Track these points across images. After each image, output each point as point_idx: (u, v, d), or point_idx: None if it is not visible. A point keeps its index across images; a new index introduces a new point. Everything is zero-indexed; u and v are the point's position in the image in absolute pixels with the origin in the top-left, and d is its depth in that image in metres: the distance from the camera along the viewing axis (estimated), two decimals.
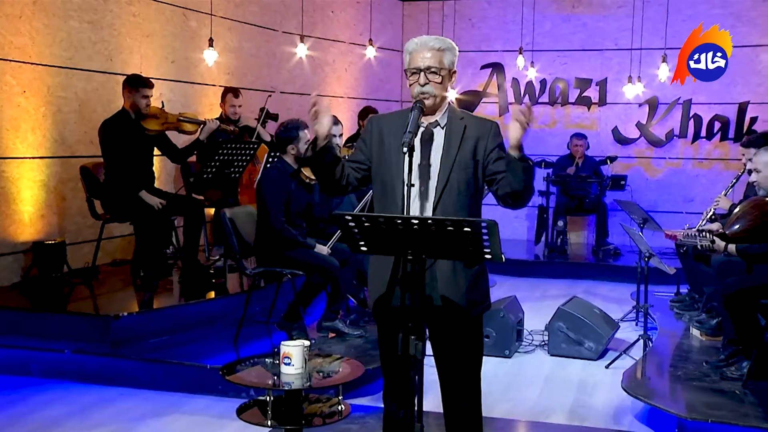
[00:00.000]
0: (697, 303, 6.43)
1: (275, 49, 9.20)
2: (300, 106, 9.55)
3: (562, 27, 10.35)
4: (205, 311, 5.99)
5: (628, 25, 10.13)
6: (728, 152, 9.98)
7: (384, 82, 10.88)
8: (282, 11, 9.27)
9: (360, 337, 5.61)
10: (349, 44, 10.24)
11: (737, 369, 4.79)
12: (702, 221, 6.21)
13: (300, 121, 5.49)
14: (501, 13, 10.64)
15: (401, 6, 11.07)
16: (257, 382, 3.33)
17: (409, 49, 3.26)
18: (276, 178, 5.36)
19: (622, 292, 7.93)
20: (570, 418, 4.79)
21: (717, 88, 9.82)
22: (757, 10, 9.88)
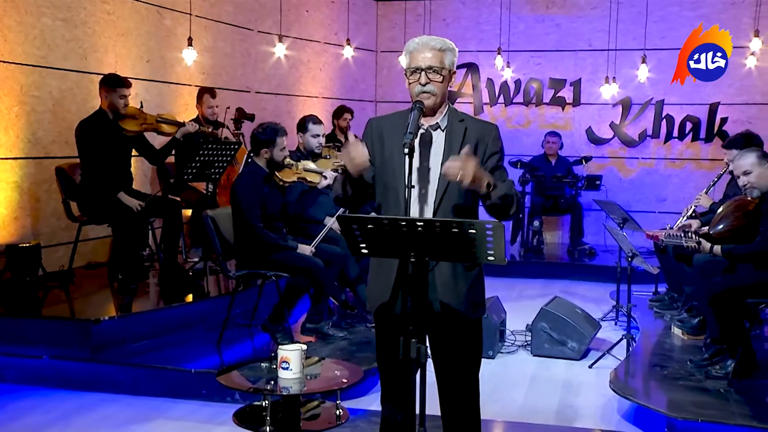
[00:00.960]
0: (677, 302, 6.49)
1: (250, 49, 9.11)
2: (275, 106, 9.50)
3: (536, 27, 10.39)
4: (186, 314, 5.89)
5: (602, 26, 10.20)
6: (699, 152, 10.10)
7: (359, 82, 10.84)
8: (257, 10, 9.19)
9: (344, 339, 5.57)
10: (323, 44, 10.18)
11: (722, 368, 4.83)
12: (682, 218, 6.28)
13: (279, 126, 5.42)
14: (475, 13, 10.66)
15: (375, 6, 11.03)
16: (255, 386, 3.27)
17: (409, 49, 3.23)
18: (249, 181, 5.29)
19: (599, 291, 7.97)
20: (558, 418, 4.79)
21: (688, 89, 9.92)
22: (727, 12, 10.01)
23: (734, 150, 5.72)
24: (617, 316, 6.79)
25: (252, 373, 3.45)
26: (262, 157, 5.36)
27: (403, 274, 3.06)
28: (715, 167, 10.01)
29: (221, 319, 5.67)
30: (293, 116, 9.78)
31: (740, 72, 9.85)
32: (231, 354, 5.43)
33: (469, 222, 2.69)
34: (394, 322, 3.19)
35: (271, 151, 5.32)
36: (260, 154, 5.36)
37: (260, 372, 3.45)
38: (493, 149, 3.23)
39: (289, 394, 3.16)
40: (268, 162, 5.35)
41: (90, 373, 5.12)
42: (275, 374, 3.32)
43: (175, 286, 6.31)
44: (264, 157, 5.35)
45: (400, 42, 10.86)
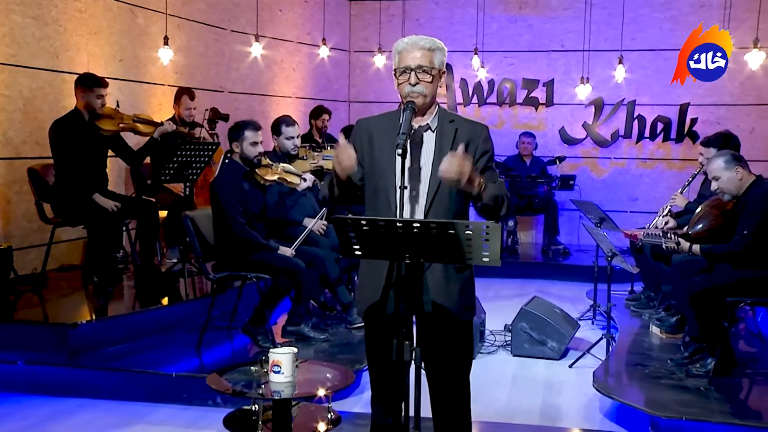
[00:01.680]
0: (653, 301, 6.54)
1: (224, 48, 9.03)
2: (248, 106, 9.42)
3: (509, 28, 10.43)
4: (165, 317, 5.81)
5: (574, 26, 10.28)
6: (670, 152, 10.22)
7: (332, 82, 10.80)
8: (230, 9, 9.10)
9: (325, 341, 5.53)
10: (297, 43, 10.12)
11: (702, 366, 4.88)
12: (658, 218, 6.34)
13: (250, 122, 5.39)
14: (448, 13, 10.66)
15: (348, 6, 10.99)
16: (247, 391, 3.23)
17: (398, 49, 3.21)
18: (229, 179, 5.24)
19: (574, 291, 8.02)
20: (542, 418, 4.81)
21: (658, 89, 10.06)
22: (696, 14, 10.12)
23: (711, 149, 5.78)
24: (594, 316, 6.83)
25: (242, 377, 3.40)
26: (235, 153, 5.32)
27: (396, 275, 3.05)
28: (686, 167, 10.15)
29: (200, 321, 5.60)
30: (267, 116, 9.70)
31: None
32: (210, 357, 5.38)
33: (466, 223, 2.68)
34: (386, 324, 3.17)
35: (241, 144, 5.26)
36: (233, 149, 5.32)
37: (250, 375, 3.40)
38: (484, 149, 3.23)
39: (281, 399, 3.12)
40: (241, 158, 5.29)
41: (67, 378, 5.02)
42: (266, 378, 3.27)
43: (152, 288, 6.22)
44: (236, 152, 5.30)
45: (373, 42, 10.86)
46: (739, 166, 4.79)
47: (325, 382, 3.30)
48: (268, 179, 5.49)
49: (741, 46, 9.57)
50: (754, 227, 4.64)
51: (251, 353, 5.38)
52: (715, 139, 5.85)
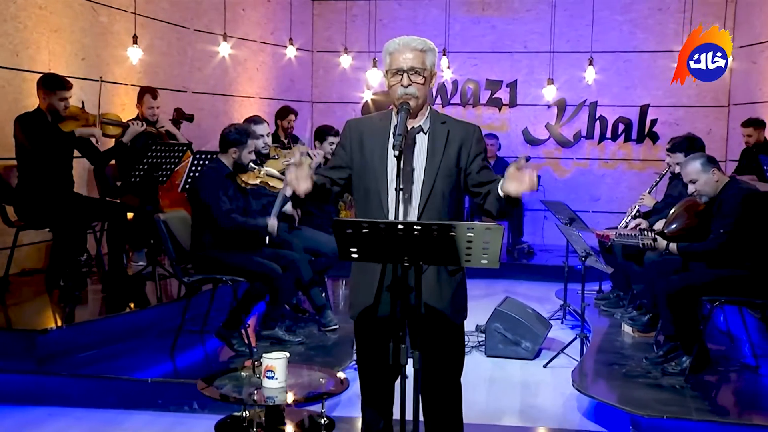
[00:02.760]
0: (623, 300, 6.61)
1: (187, 48, 8.89)
2: (212, 106, 9.29)
3: (472, 29, 10.46)
4: (135, 322, 5.68)
5: (537, 28, 10.37)
6: (631, 153, 10.36)
7: (295, 82, 10.71)
8: (194, 8, 8.97)
9: (300, 344, 5.47)
10: (260, 43, 10.00)
11: (677, 364, 4.94)
12: (627, 218, 6.41)
13: (252, 130, 5.34)
14: (411, 14, 10.66)
15: (311, 6, 10.91)
16: (240, 397, 3.16)
17: (389, 50, 3.18)
18: (213, 177, 5.16)
19: (541, 290, 8.07)
20: (522, 419, 4.82)
21: (619, 91, 10.21)
22: (654, 18, 10.31)
23: (678, 153, 5.86)
24: (564, 315, 6.87)
25: (233, 383, 3.33)
26: (229, 156, 5.24)
27: (392, 278, 3.02)
28: (646, 167, 10.32)
29: (171, 326, 5.50)
30: (231, 116, 9.60)
31: (669, 75, 10.11)
32: (183, 361, 5.27)
33: (468, 225, 2.66)
34: (380, 328, 3.14)
35: (240, 151, 5.22)
36: (228, 152, 5.24)
37: (241, 381, 3.34)
38: (477, 150, 3.22)
39: (275, 404, 3.06)
40: (234, 162, 5.23)
41: (36, 386, 4.87)
42: (259, 383, 3.21)
43: (121, 292, 6.08)
44: (231, 157, 5.24)
45: (336, 42, 10.81)
46: (715, 168, 4.86)
47: (319, 388, 3.24)
48: (250, 183, 5.41)
49: None
50: (729, 226, 4.71)
51: (225, 357, 5.29)
52: (681, 143, 5.92)
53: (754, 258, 4.75)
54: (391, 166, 3.12)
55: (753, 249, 4.75)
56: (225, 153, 5.26)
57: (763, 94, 9.53)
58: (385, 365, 3.20)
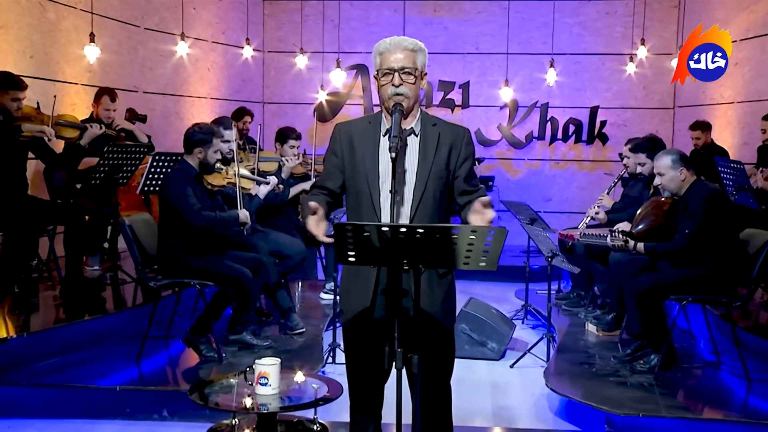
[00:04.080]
0: (584, 299, 6.69)
1: (138, 47, 8.68)
2: (164, 106, 9.11)
3: (424, 30, 10.46)
4: (97, 328, 5.50)
5: (488, 30, 10.45)
6: (581, 153, 10.52)
7: (246, 83, 10.56)
8: (144, 6, 8.77)
9: (269, 348, 5.38)
10: (211, 43, 9.84)
11: (645, 362, 5.01)
12: (586, 219, 6.49)
13: (217, 129, 5.23)
14: (363, 14, 10.63)
15: (262, 5, 10.78)
16: (236, 405, 3.07)
17: (379, 49, 3.15)
18: (181, 177, 5.03)
19: (498, 290, 8.10)
20: (497, 420, 4.83)
21: (569, 92, 10.35)
22: (602, 21, 10.49)
23: (640, 153, 5.95)
24: (526, 315, 6.93)
25: (225, 390, 3.25)
26: (194, 156, 5.12)
27: (387, 282, 2.98)
28: (596, 168, 10.50)
29: (133, 332, 5.35)
30: (182, 117, 9.43)
31: (619, 77, 10.35)
32: (148, 367, 5.14)
33: (472, 227, 2.65)
34: (374, 332, 3.10)
35: (206, 151, 5.10)
36: (193, 153, 5.12)
37: (232, 388, 3.26)
38: (466, 154, 3.21)
39: (268, 412, 3.00)
40: (200, 163, 5.11)
41: None
42: (251, 390, 3.13)
43: (80, 298, 5.88)
44: (197, 157, 5.11)
45: (287, 42, 10.71)
46: (684, 168, 4.95)
47: (312, 394, 3.19)
48: (216, 184, 5.31)
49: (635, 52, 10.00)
50: (695, 226, 4.80)
51: (192, 363, 5.18)
52: (643, 143, 6.02)
53: (718, 257, 4.85)
54: (383, 168, 3.09)
55: (716, 248, 4.85)
56: (190, 154, 5.14)
57: (706, 97, 9.80)
58: (376, 369, 3.19)
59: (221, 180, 5.35)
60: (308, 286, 7.69)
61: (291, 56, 10.57)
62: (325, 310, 6.80)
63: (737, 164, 6.37)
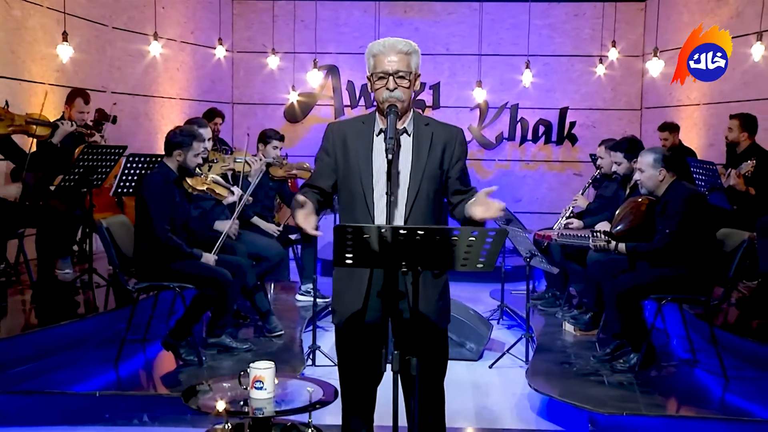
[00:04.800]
0: (559, 299, 6.74)
1: (105, 46, 8.54)
2: (132, 107, 8.97)
3: (395, 31, 10.45)
4: (72, 333, 5.39)
5: (458, 31, 10.49)
6: (551, 154, 10.60)
7: (215, 83, 10.46)
8: (111, 5, 8.63)
9: (248, 351, 5.33)
10: (180, 42, 9.72)
11: (625, 362, 5.06)
12: (561, 219, 6.54)
13: (196, 131, 5.15)
14: (334, 15, 10.58)
15: (231, 5, 10.68)
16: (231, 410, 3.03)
17: (373, 52, 3.13)
18: (161, 184, 4.95)
19: (470, 291, 8.08)
20: (479, 421, 4.83)
21: (539, 93, 10.42)
22: (570, 23, 10.58)
23: (618, 153, 6.01)
24: (501, 316, 6.95)
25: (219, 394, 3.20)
26: (174, 159, 5.04)
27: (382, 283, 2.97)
28: (565, 169, 10.59)
29: (108, 335, 5.26)
30: (151, 118, 9.32)
31: (587, 79, 10.45)
32: (125, 371, 5.05)
33: (472, 229, 2.65)
34: (368, 334, 3.09)
35: (185, 154, 5.02)
36: (173, 155, 5.04)
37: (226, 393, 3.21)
38: (459, 154, 3.22)
39: (264, 416, 2.96)
40: (179, 166, 5.03)
41: None
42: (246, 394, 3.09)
43: (53, 302, 5.76)
44: (177, 160, 5.03)
45: (257, 43, 10.63)
46: (664, 169, 5.00)
47: (307, 397, 3.15)
48: (197, 188, 5.24)
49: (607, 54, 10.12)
50: (675, 226, 4.86)
51: (171, 367, 5.11)
52: (621, 143, 6.07)
53: (696, 257, 4.91)
54: (377, 168, 3.08)
55: (695, 248, 4.91)
56: (170, 156, 5.07)
57: (673, 99, 9.94)
58: (370, 371, 3.17)
59: (201, 184, 5.29)
60: (280, 288, 7.63)
61: (260, 57, 10.50)
62: (301, 312, 6.76)
63: (710, 165, 6.46)
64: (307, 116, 10.56)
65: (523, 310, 6.77)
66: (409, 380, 3.08)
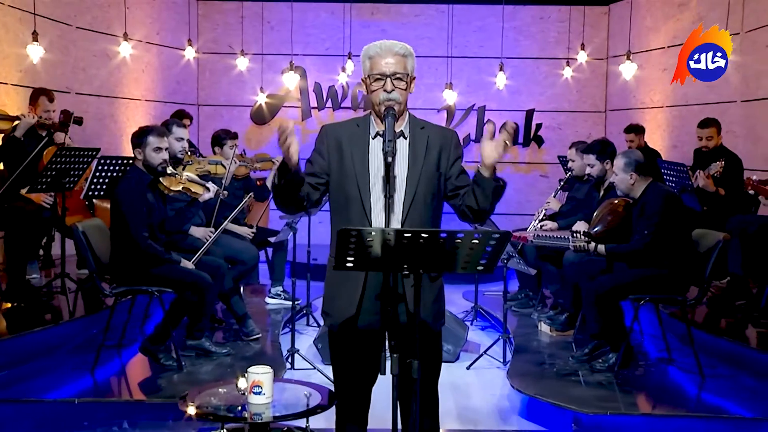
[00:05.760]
0: (533, 300, 6.79)
1: (69, 46, 8.38)
2: (97, 108, 8.82)
3: (362, 33, 10.43)
4: (46, 339, 5.27)
5: (426, 33, 10.50)
6: (518, 156, 10.67)
7: (181, 85, 10.33)
8: (76, 4, 8.48)
9: (227, 355, 5.27)
10: (145, 44, 9.57)
11: (604, 361, 5.11)
12: (535, 221, 6.59)
13: (154, 127, 5.04)
14: (301, 17, 10.52)
15: (196, 6, 10.56)
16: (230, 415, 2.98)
17: (369, 54, 3.12)
18: (134, 187, 4.86)
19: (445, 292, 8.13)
20: (462, 422, 4.83)
21: (505, 95, 10.48)
22: (536, 26, 10.67)
23: (590, 155, 6.07)
24: (475, 317, 6.97)
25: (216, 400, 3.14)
26: (138, 160, 4.95)
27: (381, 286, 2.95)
28: (531, 170, 10.68)
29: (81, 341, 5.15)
30: (117, 120, 9.17)
31: (553, 81, 10.56)
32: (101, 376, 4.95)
33: (476, 231, 2.64)
34: (365, 337, 3.07)
35: (144, 151, 4.91)
36: (136, 156, 4.95)
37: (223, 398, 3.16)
38: (456, 155, 3.23)
39: (262, 422, 2.92)
40: (145, 165, 4.94)
41: None
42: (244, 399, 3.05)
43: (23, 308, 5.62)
44: (139, 159, 4.94)
45: (222, 44, 10.54)
46: (635, 173, 5.07)
47: (305, 402, 3.12)
48: (174, 189, 5.15)
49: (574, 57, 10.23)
50: (653, 227, 4.92)
51: (149, 373, 5.01)
52: (594, 145, 6.14)
53: (673, 257, 4.98)
54: (373, 171, 3.07)
55: (672, 248, 4.98)
56: (137, 159, 4.98)
57: (637, 101, 10.08)
58: (365, 374, 3.16)
59: (176, 184, 5.21)
60: (250, 291, 7.56)
61: (227, 58, 10.41)
62: (272, 315, 6.72)
63: (680, 166, 6.56)
64: (274, 117, 10.50)
65: (496, 311, 6.85)
66: (407, 384, 3.08)
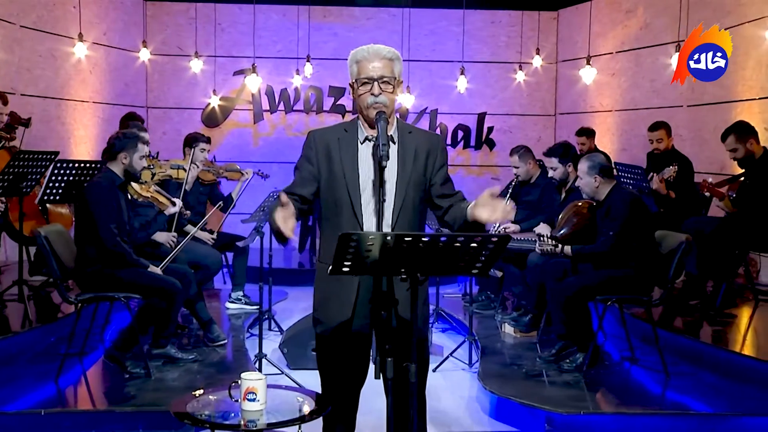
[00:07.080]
0: (494, 302, 6.85)
1: (13, 46, 8.12)
2: (43, 110, 8.58)
3: (313, 35, 10.40)
4: (4, 349, 5.10)
5: (378, 36, 10.46)
6: (470, 158, 10.78)
7: (129, 86, 10.13)
8: (20, 2, 8.22)
9: (195, 361, 5.18)
10: (93, 44, 9.34)
11: (572, 362, 5.18)
12: (496, 224, 6.64)
13: (139, 133, 4.96)
14: (251, 19, 10.43)
15: (144, 6, 10.37)
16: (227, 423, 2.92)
17: (356, 58, 3.12)
18: (106, 188, 4.76)
19: None
20: (435, 425, 4.82)
21: (457, 98, 10.57)
22: (487, 30, 10.81)
23: (553, 158, 6.16)
24: (436, 319, 6.99)
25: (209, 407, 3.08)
26: (119, 162, 4.85)
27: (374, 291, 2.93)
28: (483, 173, 10.80)
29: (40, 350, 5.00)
30: (64, 122, 8.94)
31: (505, 85, 10.69)
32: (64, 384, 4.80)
33: (475, 235, 2.65)
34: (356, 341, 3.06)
35: (131, 156, 4.83)
36: (117, 159, 4.84)
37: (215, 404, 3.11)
38: (442, 161, 3.24)
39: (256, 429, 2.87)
40: (125, 170, 4.84)
41: None
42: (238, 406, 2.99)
43: None
44: (122, 163, 4.84)
45: (172, 45, 10.38)
46: (598, 176, 5.16)
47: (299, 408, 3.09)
48: (143, 195, 5.06)
49: (526, 61, 10.39)
50: (618, 228, 5.02)
51: (114, 381, 4.89)
52: (556, 148, 6.22)
53: (638, 258, 5.09)
54: (363, 176, 3.06)
55: (637, 250, 5.08)
56: (114, 161, 4.88)
57: (586, 105, 10.28)
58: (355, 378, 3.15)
59: (146, 191, 5.11)
60: (207, 296, 7.43)
61: (176, 60, 10.26)
62: (232, 320, 6.64)
63: (637, 169, 6.70)
64: (226, 119, 10.39)
65: (457, 312, 6.90)
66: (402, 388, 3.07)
